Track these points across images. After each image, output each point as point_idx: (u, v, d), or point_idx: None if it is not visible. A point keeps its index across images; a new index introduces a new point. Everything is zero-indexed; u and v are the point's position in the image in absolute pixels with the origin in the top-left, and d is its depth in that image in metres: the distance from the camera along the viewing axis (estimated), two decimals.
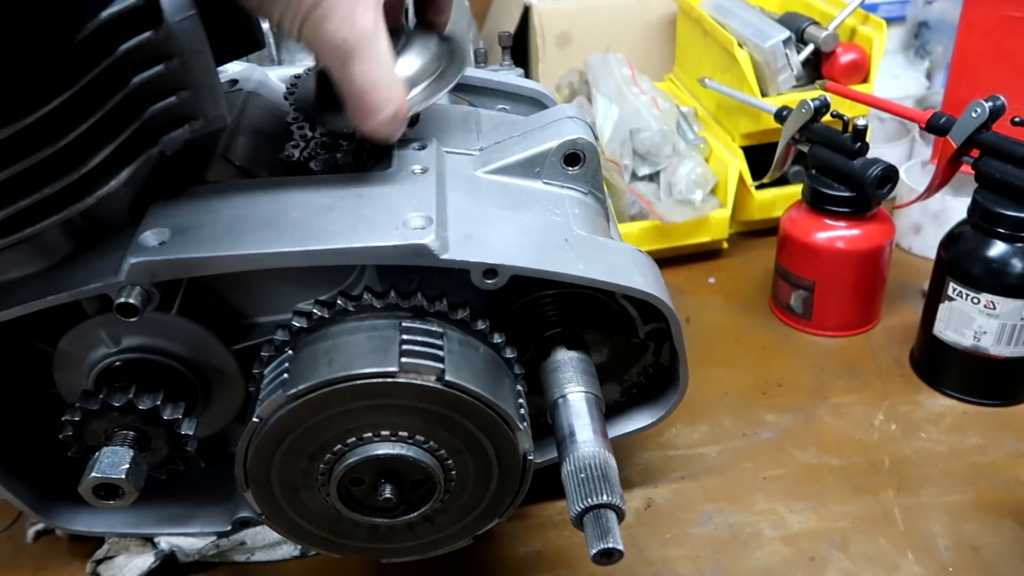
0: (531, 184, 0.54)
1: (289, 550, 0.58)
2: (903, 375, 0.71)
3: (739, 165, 0.86)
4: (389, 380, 0.42)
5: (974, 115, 0.62)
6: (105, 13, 0.41)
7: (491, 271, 0.46)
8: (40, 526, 0.61)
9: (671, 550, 0.56)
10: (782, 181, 0.89)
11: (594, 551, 0.41)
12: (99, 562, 0.56)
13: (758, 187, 0.88)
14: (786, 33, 0.82)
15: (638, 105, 0.88)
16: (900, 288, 0.81)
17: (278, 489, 0.46)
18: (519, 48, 1.17)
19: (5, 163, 0.39)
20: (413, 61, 0.50)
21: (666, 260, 0.86)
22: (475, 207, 0.50)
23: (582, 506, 0.42)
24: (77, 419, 0.49)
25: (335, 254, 0.44)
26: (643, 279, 0.50)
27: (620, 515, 0.42)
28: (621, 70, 0.94)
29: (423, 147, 0.54)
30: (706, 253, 0.89)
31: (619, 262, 0.50)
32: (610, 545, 0.40)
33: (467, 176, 0.53)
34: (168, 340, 0.52)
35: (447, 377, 0.43)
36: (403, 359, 0.43)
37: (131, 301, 0.43)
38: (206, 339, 0.53)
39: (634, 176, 0.88)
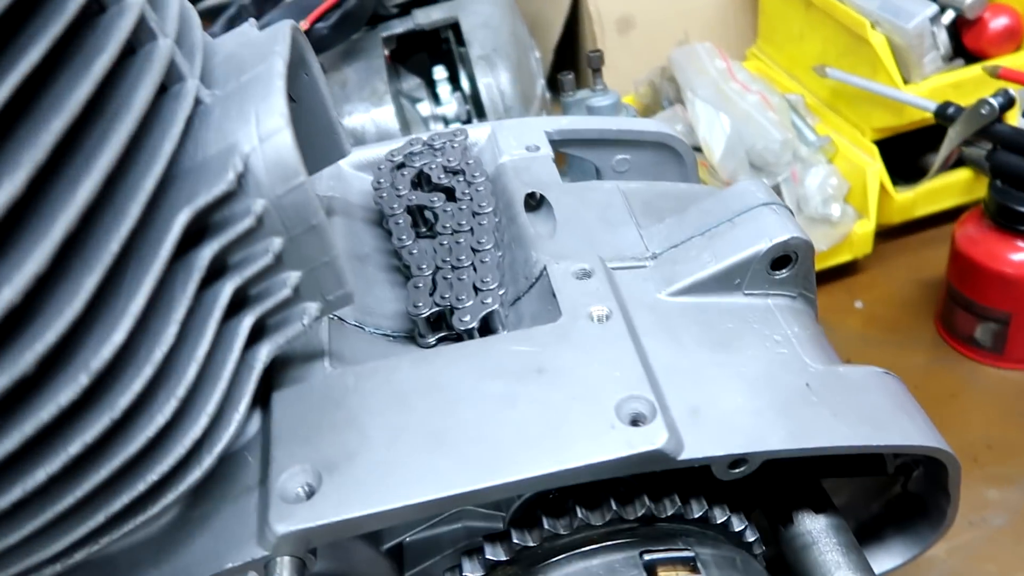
0: (731, 300, 0.42)
1: None
2: None
3: (878, 168, 0.73)
4: None
5: None
6: (189, 208, 0.29)
7: (739, 460, 0.35)
8: None
9: None
10: (919, 174, 0.76)
11: None
12: None
13: (900, 190, 0.75)
14: (933, 7, 0.68)
15: (748, 110, 0.75)
16: None
17: None
18: (567, 38, 1.02)
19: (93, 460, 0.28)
20: None
21: None
22: (681, 357, 0.38)
23: None
24: None
25: (541, 481, 0.33)
26: (913, 426, 0.39)
27: None
28: (715, 63, 0.80)
29: (587, 273, 0.42)
30: (842, 268, 0.77)
31: (878, 404, 0.39)
32: None
33: (651, 305, 0.41)
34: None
35: None
36: None
37: None
38: (350, 546, 0.42)
39: None
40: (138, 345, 0.29)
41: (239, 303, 0.34)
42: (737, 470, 0.35)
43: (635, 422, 0.34)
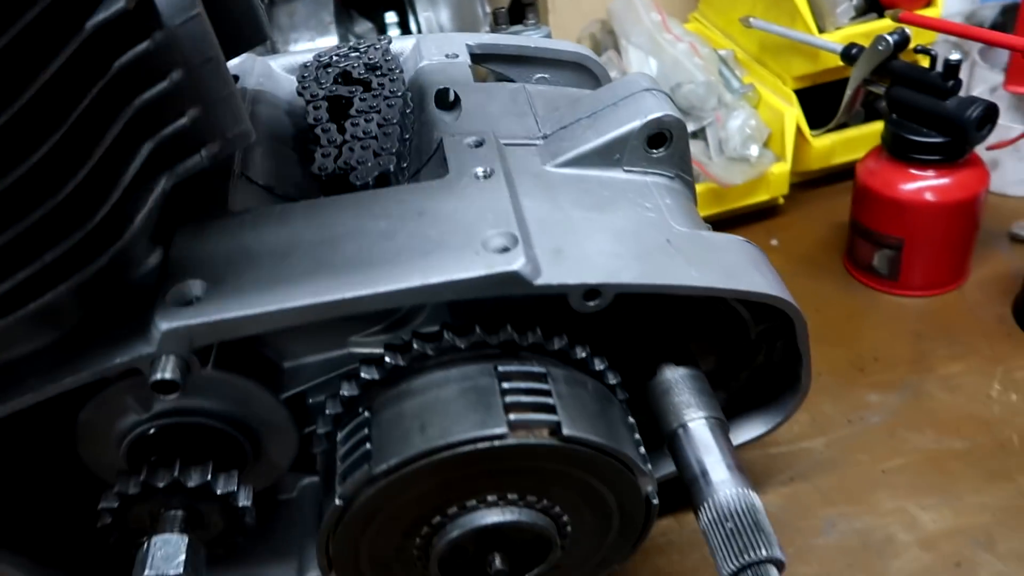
0: (611, 174, 0.46)
1: None
2: (1010, 334, 0.64)
3: (795, 112, 0.78)
4: (497, 444, 0.35)
5: None
6: (89, 24, 0.32)
7: (593, 292, 0.38)
8: None
9: (798, 568, 0.50)
10: (840, 125, 0.81)
11: None
12: None
13: (815, 134, 0.79)
14: None
15: (677, 54, 0.79)
16: (984, 234, 0.74)
17: (368, 568, 0.40)
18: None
19: None
20: None
21: (720, 224, 0.78)
22: (556, 212, 0.42)
23: (736, 565, 0.36)
24: (116, 506, 0.41)
25: (408, 294, 0.37)
26: (763, 279, 0.42)
27: (781, 567, 0.36)
28: (650, 15, 0.84)
29: (479, 143, 0.45)
30: (762, 212, 0.82)
31: (732, 261, 0.42)
32: None
33: (536, 173, 0.45)
34: (206, 398, 0.45)
35: (564, 431, 0.36)
36: (511, 415, 0.35)
37: (168, 376, 0.36)
38: (249, 391, 0.45)
39: None
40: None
41: (141, 133, 0.37)
42: (592, 302, 0.38)
43: (500, 252, 0.38)
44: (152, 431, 0.45)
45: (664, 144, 0.46)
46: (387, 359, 0.39)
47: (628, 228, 0.42)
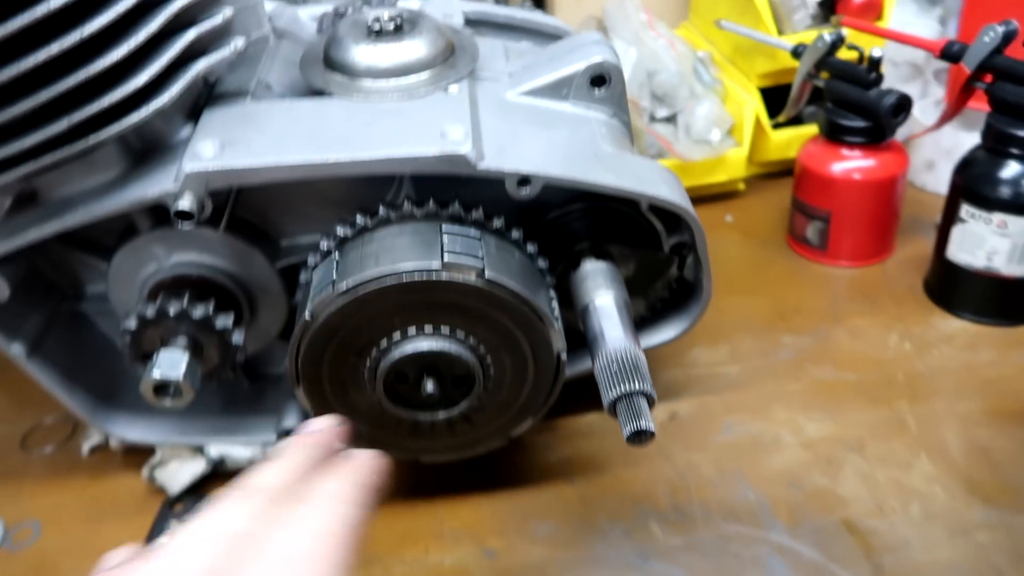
0: (559, 106, 0.56)
1: None
2: (917, 300, 0.73)
3: (755, 105, 0.88)
4: (432, 277, 0.45)
5: (987, 39, 0.63)
6: None
7: (524, 180, 0.48)
8: (94, 441, 0.64)
9: (695, 455, 0.59)
10: (797, 121, 0.90)
11: (627, 432, 0.43)
12: (154, 467, 0.59)
13: (774, 127, 0.89)
14: None
15: (656, 48, 0.90)
16: (914, 222, 0.83)
17: (328, 386, 0.49)
18: None
19: (58, 78, 0.42)
20: (419, 46, 0.52)
21: None
22: (506, 125, 0.52)
23: (615, 394, 0.45)
24: (134, 327, 0.52)
25: (379, 163, 0.47)
26: (669, 190, 0.52)
27: (651, 401, 0.45)
28: (638, 16, 0.95)
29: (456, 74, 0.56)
30: (723, 194, 0.91)
31: (645, 174, 0.52)
32: (642, 426, 0.43)
33: (498, 98, 0.55)
34: (216, 256, 0.55)
35: (487, 274, 0.45)
36: (446, 257, 0.45)
37: (186, 207, 0.46)
38: (252, 256, 0.56)
39: (652, 119, 0.90)
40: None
41: (185, 22, 0.48)
42: (524, 189, 0.49)
43: (453, 140, 0.48)
44: (168, 279, 0.55)
45: (604, 84, 0.56)
46: (358, 219, 0.49)
47: (563, 140, 0.52)
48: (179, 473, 0.58)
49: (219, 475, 0.60)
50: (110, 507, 0.60)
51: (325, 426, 0.39)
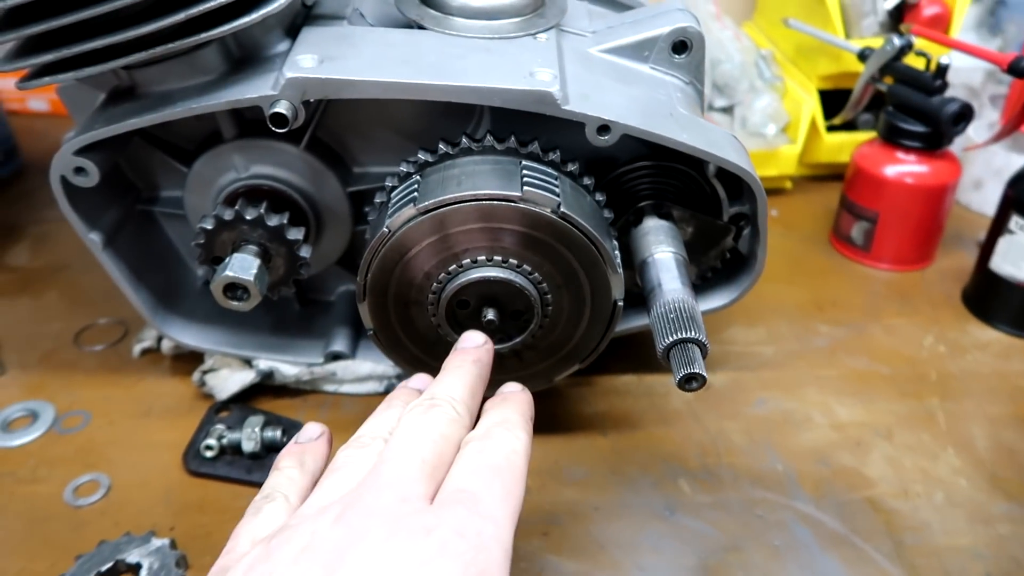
0: (639, 67, 0.58)
1: (375, 386, 0.63)
2: (954, 308, 0.74)
3: (813, 105, 0.89)
4: (511, 204, 0.47)
5: None
6: None
7: (605, 127, 0.50)
8: (146, 344, 0.66)
9: (727, 423, 0.61)
10: (851, 127, 0.92)
11: (679, 376, 0.45)
12: (205, 372, 0.61)
13: (829, 129, 0.91)
14: None
15: (722, 38, 0.91)
16: (956, 238, 0.84)
17: (392, 303, 0.51)
18: None
19: None
20: None
21: None
22: (590, 75, 0.54)
23: (669, 340, 0.46)
24: (210, 227, 0.54)
25: (470, 91, 0.49)
26: (737, 156, 0.54)
27: (704, 350, 0.47)
28: (707, 6, 0.97)
29: (545, 25, 0.57)
30: (771, 190, 0.92)
31: (717, 139, 0.54)
32: (695, 371, 0.45)
33: (582, 51, 0.57)
34: (292, 172, 0.57)
35: (562, 209, 0.47)
36: (525, 188, 0.47)
37: (283, 111, 0.48)
38: (326, 176, 0.58)
39: (710, 107, 0.92)
40: None
41: None
42: (604, 136, 0.50)
43: (541, 80, 0.50)
44: (244, 189, 0.57)
45: (685, 51, 0.58)
46: (441, 147, 0.51)
47: (642, 97, 0.54)
48: (229, 380, 0.60)
49: (266, 388, 0.62)
50: (157, 406, 0.62)
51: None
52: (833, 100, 0.91)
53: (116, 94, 0.53)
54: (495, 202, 0.47)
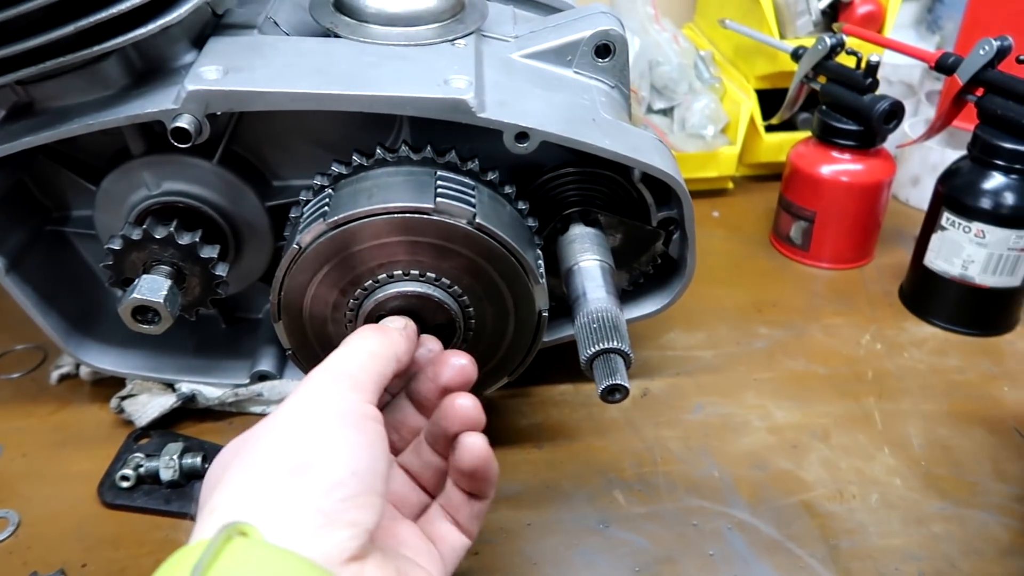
0: (563, 71, 0.57)
1: None
2: (892, 305, 0.75)
3: (751, 106, 0.89)
4: (424, 216, 0.45)
5: (982, 52, 0.65)
6: None
7: (523, 135, 0.49)
8: (64, 370, 0.63)
9: (664, 431, 0.60)
10: (790, 127, 0.92)
11: (602, 387, 0.44)
12: (123, 398, 0.58)
13: (768, 129, 0.91)
14: None
15: (660, 40, 0.91)
16: (896, 234, 0.85)
17: (308, 321, 0.49)
18: None
19: None
20: None
21: None
22: (509, 82, 0.53)
23: (592, 350, 0.45)
24: (118, 248, 0.51)
25: (382, 101, 0.47)
26: (662, 160, 0.53)
27: (628, 361, 0.46)
28: (645, 8, 0.96)
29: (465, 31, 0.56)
30: (712, 191, 0.92)
31: (641, 144, 0.53)
32: (617, 381, 0.44)
33: (503, 57, 0.56)
34: (206, 188, 0.55)
35: (477, 220, 0.46)
36: (438, 199, 0.46)
37: (185, 126, 0.46)
38: (243, 191, 0.56)
39: (649, 109, 0.91)
40: None
41: None
42: (522, 144, 0.49)
43: (457, 88, 0.48)
44: (157, 206, 0.55)
45: (608, 55, 0.57)
46: (355, 159, 0.49)
47: (564, 102, 0.53)
48: (148, 406, 0.58)
49: (189, 412, 0.60)
50: (74, 435, 0.59)
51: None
52: (772, 100, 0.91)
53: (14, 111, 0.50)
54: (407, 215, 0.45)
